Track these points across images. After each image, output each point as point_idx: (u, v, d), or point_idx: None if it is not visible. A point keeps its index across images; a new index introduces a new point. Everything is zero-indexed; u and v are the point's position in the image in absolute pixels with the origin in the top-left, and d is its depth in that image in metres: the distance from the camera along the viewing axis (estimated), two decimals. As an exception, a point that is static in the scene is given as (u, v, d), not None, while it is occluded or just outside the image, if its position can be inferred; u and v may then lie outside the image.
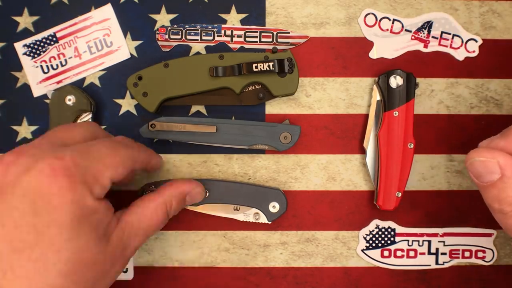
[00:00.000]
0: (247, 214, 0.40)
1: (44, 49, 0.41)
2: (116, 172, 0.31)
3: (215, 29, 0.41)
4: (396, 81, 0.40)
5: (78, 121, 0.40)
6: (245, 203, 0.40)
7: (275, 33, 0.41)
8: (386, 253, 0.42)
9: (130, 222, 0.32)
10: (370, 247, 0.42)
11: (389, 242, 0.42)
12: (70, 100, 0.40)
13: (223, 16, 0.42)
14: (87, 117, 0.40)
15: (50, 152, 0.29)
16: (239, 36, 0.42)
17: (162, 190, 0.36)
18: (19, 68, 0.41)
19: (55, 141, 0.32)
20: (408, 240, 0.42)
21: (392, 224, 0.42)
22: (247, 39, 0.42)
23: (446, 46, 0.42)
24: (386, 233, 0.42)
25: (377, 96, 0.41)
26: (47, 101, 0.41)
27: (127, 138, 0.36)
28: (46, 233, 0.27)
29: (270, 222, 0.40)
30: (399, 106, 0.40)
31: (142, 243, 0.34)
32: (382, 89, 0.40)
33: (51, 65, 0.41)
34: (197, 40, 0.42)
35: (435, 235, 0.42)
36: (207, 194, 0.40)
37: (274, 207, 0.40)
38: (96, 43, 0.41)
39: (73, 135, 0.33)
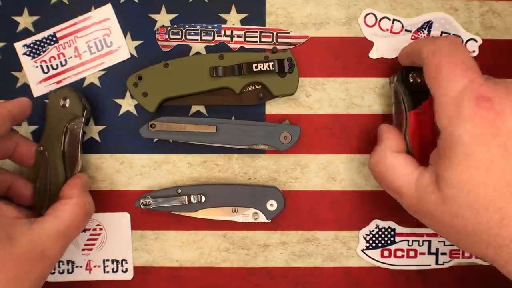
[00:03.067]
0: (246, 215, 0.40)
1: (44, 49, 0.41)
2: None
3: (215, 29, 0.41)
4: (415, 76, 0.38)
5: (69, 125, 0.39)
6: (242, 204, 0.40)
7: (275, 33, 0.41)
8: (386, 253, 0.42)
9: (45, 226, 0.33)
10: (370, 247, 0.42)
11: (389, 242, 0.42)
12: (65, 103, 0.39)
13: (223, 16, 0.42)
14: (78, 121, 0.39)
15: None
16: (239, 36, 0.42)
17: (70, 191, 0.36)
18: (19, 68, 0.41)
19: None
20: (408, 240, 0.42)
21: (392, 224, 0.42)
22: (247, 39, 0.42)
23: (446, 46, 0.42)
24: (386, 233, 0.42)
25: (394, 98, 0.39)
26: (47, 101, 0.41)
27: None
28: None
29: (269, 221, 0.40)
30: (422, 103, 0.37)
31: (64, 246, 0.35)
32: (401, 88, 0.38)
33: (51, 65, 0.41)
34: (197, 40, 0.42)
35: (435, 235, 0.42)
36: (203, 199, 0.40)
37: (272, 205, 0.40)
38: (96, 43, 0.41)
39: None
